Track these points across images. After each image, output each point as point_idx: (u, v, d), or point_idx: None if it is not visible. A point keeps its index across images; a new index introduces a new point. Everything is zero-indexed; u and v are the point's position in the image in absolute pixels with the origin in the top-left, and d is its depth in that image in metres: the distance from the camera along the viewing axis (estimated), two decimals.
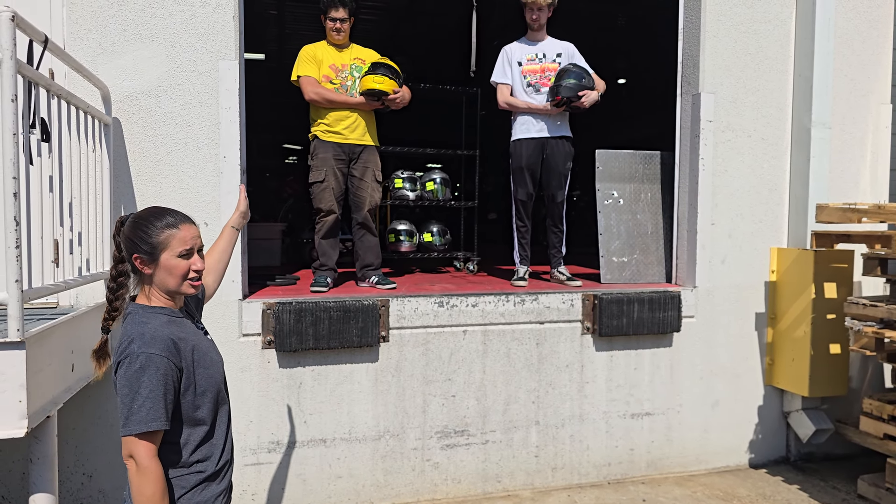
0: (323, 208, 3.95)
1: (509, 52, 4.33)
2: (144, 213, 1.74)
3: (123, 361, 1.59)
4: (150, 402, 1.56)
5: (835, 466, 4.32)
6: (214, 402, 1.76)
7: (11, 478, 3.18)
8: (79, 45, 3.22)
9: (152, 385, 1.57)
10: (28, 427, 2.02)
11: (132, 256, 1.69)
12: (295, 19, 8.64)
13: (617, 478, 4.05)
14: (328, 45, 4.06)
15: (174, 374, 1.63)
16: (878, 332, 3.48)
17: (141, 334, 1.62)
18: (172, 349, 1.64)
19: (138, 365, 1.57)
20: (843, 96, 4.45)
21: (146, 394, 1.56)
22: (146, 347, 1.59)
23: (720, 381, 4.24)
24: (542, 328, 3.85)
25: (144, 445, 1.56)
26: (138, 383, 1.57)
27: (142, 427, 1.55)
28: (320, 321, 3.41)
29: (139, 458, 1.55)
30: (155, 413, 1.57)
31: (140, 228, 1.69)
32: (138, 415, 1.55)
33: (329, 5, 3.95)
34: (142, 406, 1.56)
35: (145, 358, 1.58)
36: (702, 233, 4.17)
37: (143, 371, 1.57)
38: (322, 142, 3.96)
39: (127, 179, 3.30)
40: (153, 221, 1.71)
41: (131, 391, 1.56)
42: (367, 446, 3.58)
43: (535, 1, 4.16)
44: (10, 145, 1.95)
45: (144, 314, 1.69)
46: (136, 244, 1.69)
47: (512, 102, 4.28)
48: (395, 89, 3.94)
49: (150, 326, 1.64)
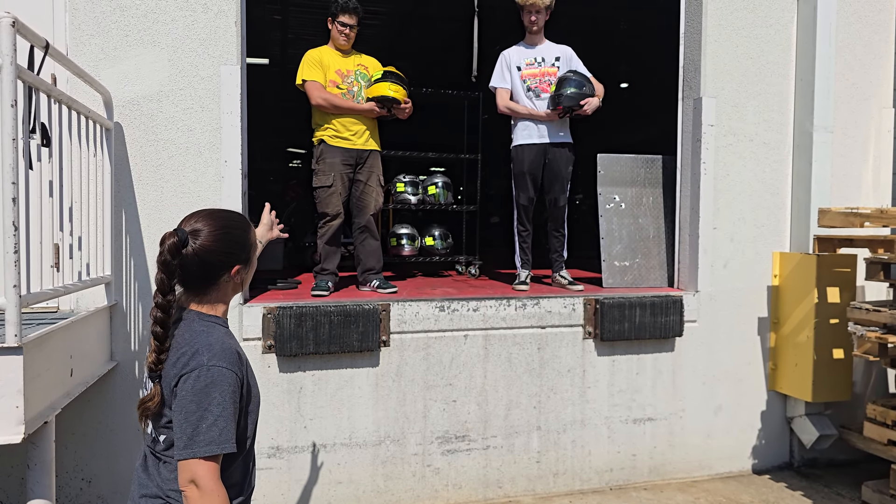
0: (329, 213, 3.95)
1: (508, 56, 4.33)
2: (222, 220, 1.57)
3: (189, 375, 1.43)
4: (223, 421, 1.42)
5: (839, 472, 4.29)
6: (255, 425, 1.63)
7: (10, 483, 3.18)
8: (81, 50, 3.23)
9: (224, 403, 1.43)
10: (25, 433, 2.01)
11: (232, 270, 1.56)
12: (299, 24, 8.67)
13: (619, 484, 4.03)
14: (332, 50, 4.06)
15: (241, 392, 1.49)
16: (881, 337, 3.46)
17: (209, 345, 1.47)
18: (238, 363, 1.50)
19: (209, 380, 1.42)
20: (844, 100, 4.44)
21: (218, 412, 1.42)
22: (216, 360, 1.45)
23: (723, 386, 4.22)
24: (543, 332, 3.84)
25: (211, 468, 1.40)
26: (208, 400, 1.41)
27: (213, 449, 1.40)
28: (321, 325, 3.40)
29: (205, 482, 1.38)
30: (227, 434, 1.42)
31: (235, 236, 1.57)
32: (208, 435, 1.39)
33: (342, 10, 3.96)
34: (213, 426, 1.40)
35: (217, 372, 1.43)
36: (704, 237, 4.16)
37: (213, 386, 1.42)
38: (329, 146, 3.96)
39: (128, 184, 3.30)
40: (240, 224, 1.60)
41: (200, 408, 1.41)
42: (368, 451, 3.57)
43: (534, 3, 4.15)
44: (10, 150, 1.95)
45: (203, 322, 1.53)
46: (234, 254, 1.56)
47: (513, 108, 4.27)
48: (405, 98, 3.98)
49: (214, 337, 1.50)
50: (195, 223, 1.53)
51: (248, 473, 1.63)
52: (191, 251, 1.50)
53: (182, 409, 1.42)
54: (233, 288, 1.62)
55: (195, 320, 1.53)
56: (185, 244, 1.49)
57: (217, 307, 1.59)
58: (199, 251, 1.50)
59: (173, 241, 1.48)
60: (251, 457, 1.65)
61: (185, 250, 1.49)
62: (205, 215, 1.56)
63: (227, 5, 3.39)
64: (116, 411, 3.27)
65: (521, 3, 4.20)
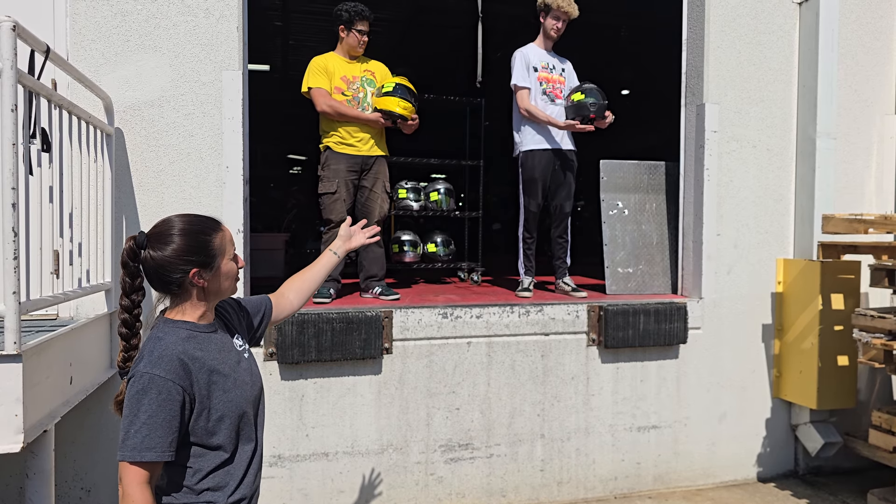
0: (333, 219, 3.93)
1: (527, 55, 4.23)
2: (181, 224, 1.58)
3: (131, 379, 1.48)
4: (147, 428, 1.44)
5: (844, 480, 4.26)
6: (236, 429, 1.61)
7: (9, 493, 3.14)
8: (82, 55, 3.21)
9: (151, 410, 1.45)
10: (24, 442, 1.98)
11: (189, 273, 1.55)
12: (300, 31, 8.68)
13: (623, 492, 3.99)
14: (338, 57, 4.05)
15: (180, 399, 1.49)
16: (886, 344, 3.43)
17: (150, 351, 1.50)
18: (180, 371, 1.50)
19: (140, 386, 1.46)
20: (847, 107, 4.43)
21: (143, 419, 1.44)
22: (151, 367, 1.47)
23: (727, 393, 4.19)
24: (547, 340, 3.81)
25: (134, 472, 1.44)
26: (138, 406, 1.45)
27: (134, 455, 1.43)
28: (323, 333, 3.38)
29: (125, 485, 1.44)
30: (150, 442, 1.44)
31: (193, 240, 1.56)
32: (132, 440, 1.44)
33: (360, 18, 3.95)
34: (137, 432, 1.44)
35: (148, 379, 1.46)
36: (707, 243, 4.14)
37: (144, 393, 1.45)
38: (335, 153, 3.96)
39: (129, 190, 3.28)
40: (202, 229, 1.59)
41: (130, 413, 1.45)
42: (370, 460, 3.54)
43: (567, 11, 4.12)
44: (10, 155, 1.93)
45: (164, 328, 1.56)
46: (190, 259, 1.55)
47: (533, 112, 4.16)
48: (413, 115, 3.96)
49: (163, 343, 1.52)
50: (158, 226, 1.57)
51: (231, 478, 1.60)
52: (147, 255, 1.53)
53: (123, 411, 1.49)
54: (200, 294, 1.60)
55: (159, 326, 1.57)
56: (143, 246, 1.53)
57: (185, 312, 1.60)
58: (154, 254, 1.53)
59: (129, 244, 1.54)
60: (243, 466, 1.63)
61: (143, 254, 1.53)
62: (167, 219, 1.59)
63: (228, 10, 3.38)
64: (116, 420, 3.23)
65: (552, 5, 4.13)
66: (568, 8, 4.12)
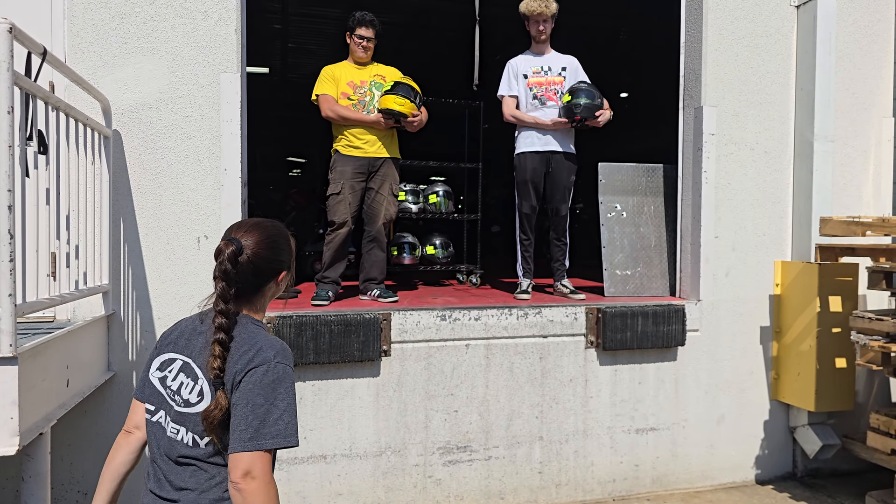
0: (336, 220, 3.95)
1: (515, 65, 4.33)
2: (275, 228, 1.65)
3: (257, 369, 1.45)
4: (289, 415, 1.46)
5: (842, 482, 4.25)
6: None
7: (4, 496, 3.13)
8: (80, 57, 3.21)
9: (289, 398, 1.47)
10: (19, 445, 1.98)
11: (279, 276, 1.63)
12: (299, 33, 8.69)
13: (622, 494, 3.99)
14: (349, 64, 4.12)
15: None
16: (884, 346, 3.43)
17: (271, 343, 1.51)
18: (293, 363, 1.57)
19: (276, 375, 1.46)
20: (844, 110, 4.44)
21: (284, 406, 1.45)
22: (281, 357, 1.50)
23: (725, 395, 4.19)
24: (545, 342, 3.81)
25: (268, 460, 1.43)
26: (275, 394, 1.45)
27: (280, 442, 1.43)
28: (321, 335, 3.37)
29: (263, 473, 1.40)
30: (293, 427, 1.46)
31: (282, 244, 1.64)
32: (275, 427, 1.43)
33: (359, 24, 4.02)
34: (279, 419, 1.44)
35: (283, 369, 1.48)
36: (705, 246, 4.14)
37: (280, 382, 1.46)
38: (342, 156, 4.01)
39: (126, 192, 3.28)
40: (285, 233, 1.66)
41: (267, 401, 1.44)
42: (369, 462, 3.53)
43: (541, 13, 4.16)
44: (6, 157, 1.92)
45: (255, 324, 1.58)
46: (282, 261, 1.63)
47: (518, 116, 4.26)
48: (413, 112, 3.96)
49: (273, 338, 1.55)
50: (245, 233, 1.59)
51: None
52: (245, 259, 1.56)
53: (248, 402, 1.44)
54: (272, 294, 1.68)
55: (248, 323, 1.57)
56: (241, 252, 1.55)
57: (260, 313, 1.65)
58: (253, 259, 1.57)
59: (232, 250, 1.53)
60: None
61: (241, 258, 1.55)
62: (251, 225, 1.62)
63: (227, 13, 3.38)
64: (113, 422, 3.23)
65: (527, 13, 4.20)
66: (540, 9, 4.15)
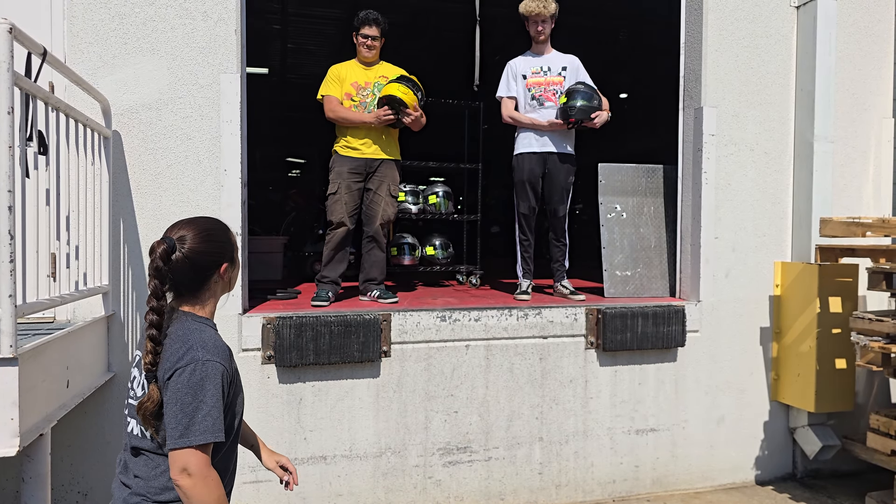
0: (333, 220, 3.97)
1: (514, 66, 4.33)
2: (206, 224, 1.67)
3: (185, 368, 1.50)
4: (216, 411, 1.50)
5: (842, 483, 4.25)
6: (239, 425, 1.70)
7: (4, 497, 3.12)
8: (79, 58, 3.21)
9: (217, 395, 1.51)
10: (20, 445, 1.97)
11: (221, 269, 1.66)
12: (299, 34, 8.68)
13: (622, 495, 3.99)
14: (355, 63, 4.11)
15: (227, 388, 1.58)
16: (884, 347, 3.43)
17: (202, 342, 1.55)
18: (229, 361, 1.59)
19: (204, 373, 1.50)
20: (844, 110, 4.44)
21: (212, 404, 1.50)
22: (210, 355, 1.53)
23: (725, 396, 4.19)
24: (545, 343, 3.80)
25: (201, 456, 1.48)
26: (203, 392, 1.49)
27: (207, 438, 1.47)
28: (321, 336, 3.37)
29: (198, 469, 1.46)
30: (219, 424, 1.50)
31: (222, 238, 1.68)
32: (203, 425, 1.47)
33: (363, 23, 4.00)
34: (207, 416, 1.48)
35: (211, 367, 1.51)
36: (705, 246, 4.14)
37: (208, 380, 1.50)
38: (340, 156, 4.02)
39: (126, 193, 3.27)
40: (223, 227, 1.71)
41: (195, 400, 1.48)
42: (368, 463, 3.53)
43: (540, 13, 4.15)
44: (6, 158, 1.92)
45: (195, 321, 1.61)
46: (222, 254, 1.67)
47: (515, 117, 4.27)
48: (415, 105, 3.94)
49: (207, 334, 1.58)
50: (179, 230, 1.64)
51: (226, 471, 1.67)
52: (180, 256, 1.60)
53: (177, 401, 1.49)
54: (222, 287, 1.72)
55: (188, 320, 1.61)
56: (174, 250, 1.60)
57: (206, 308, 1.68)
58: (189, 254, 1.60)
59: (164, 248, 1.58)
60: (231, 457, 1.70)
61: (175, 255, 1.60)
62: (186, 222, 1.67)
63: (226, 13, 3.38)
64: (114, 423, 3.23)
65: (525, 13, 4.20)
66: (539, 9, 4.15)
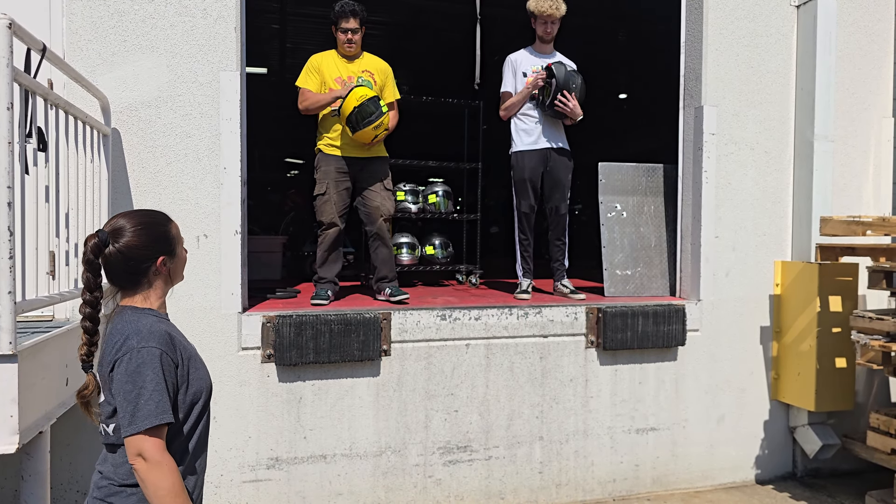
0: (324, 221, 3.92)
1: (515, 61, 4.29)
2: (140, 217, 1.67)
3: (122, 359, 1.52)
4: (158, 394, 1.51)
5: (842, 482, 4.25)
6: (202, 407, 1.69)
7: (3, 495, 3.11)
8: (78, 55, 3.20)
9: (157, 378, 1.52)
10: (19, 443, 1.96)
11: (157, 262, 1.64)
12: (297, 33, 8.66)
13: (622, 494, 3.98)
14: (337, 56, 3.98)
15: (172, 369, 1.58)
16: (884, 345, 3.43)
17: (137, 330, 1.56)
18: (169, 343, 1.59)
19: (140, 360, 1.52)
20: (844, 110, 4.44)
21: (152, 387, 1.50)
22: (144, 342, 1.54)
23: (725, 395, 4.18)
24: (545, 342, 3.80)
25: (154, 441, 1.49)
26: (142, 379, 1.50)
27: (152, 421, 1.48)
28: (321, 334, 3.36)
29: (151, 454, 1.48)
30: (163, 406, 1.51)
31: (156, 231, 1.66)
32: (146, 409, 1.48)
33: (340, 16, 3.87)
34: (149, 400, 1.49)
35: (146, 353, 1.53)
36: (705, 246, 4.14)
37: (144, 366, 1.51)
38: (325, 155, 3.94)
39: (125, 190, 3.26)
40: (160, 220, 1.69)
41: (136, 387, 1.50)
42: (369, 462, 3.52)
43: (551, 14, 4.13)
44: (5, 154, 1.91)
45: (134, 314, 1.63)
46: (156, 247, 1.65)
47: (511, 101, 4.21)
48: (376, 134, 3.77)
49: (143, 322, 1.59)
50: (115, 223, 1.64)
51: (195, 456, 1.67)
52: (114, 249, 1.60)
53: (120, 391, 1.51)
54: (163, 280, 1.70)
55: (127, 312, 1.63)
56: (107, 244, 1.59)
57: (149, 300, 1.68)
58: (122, 248, 1.60)
59: (95, 242, 1.58)
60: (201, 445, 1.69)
61: (108, 249, 1.59)
62: (124, 214, 1.67)
63: (226, 11, 3.37)
64: None
65: (536, 12, 4.17)
66: (551, 10, 4.13)
